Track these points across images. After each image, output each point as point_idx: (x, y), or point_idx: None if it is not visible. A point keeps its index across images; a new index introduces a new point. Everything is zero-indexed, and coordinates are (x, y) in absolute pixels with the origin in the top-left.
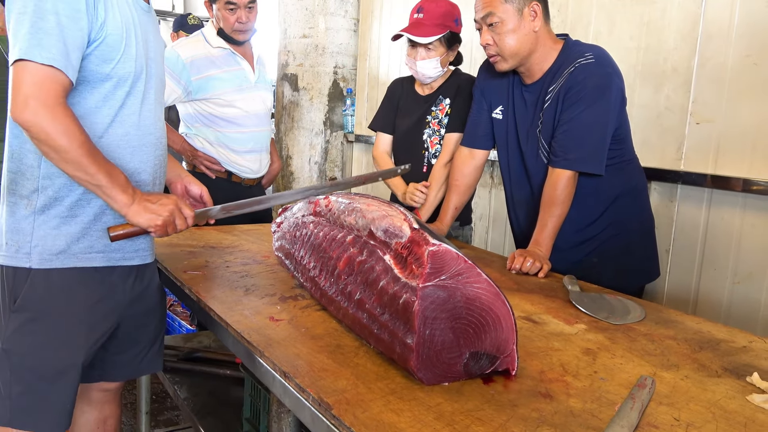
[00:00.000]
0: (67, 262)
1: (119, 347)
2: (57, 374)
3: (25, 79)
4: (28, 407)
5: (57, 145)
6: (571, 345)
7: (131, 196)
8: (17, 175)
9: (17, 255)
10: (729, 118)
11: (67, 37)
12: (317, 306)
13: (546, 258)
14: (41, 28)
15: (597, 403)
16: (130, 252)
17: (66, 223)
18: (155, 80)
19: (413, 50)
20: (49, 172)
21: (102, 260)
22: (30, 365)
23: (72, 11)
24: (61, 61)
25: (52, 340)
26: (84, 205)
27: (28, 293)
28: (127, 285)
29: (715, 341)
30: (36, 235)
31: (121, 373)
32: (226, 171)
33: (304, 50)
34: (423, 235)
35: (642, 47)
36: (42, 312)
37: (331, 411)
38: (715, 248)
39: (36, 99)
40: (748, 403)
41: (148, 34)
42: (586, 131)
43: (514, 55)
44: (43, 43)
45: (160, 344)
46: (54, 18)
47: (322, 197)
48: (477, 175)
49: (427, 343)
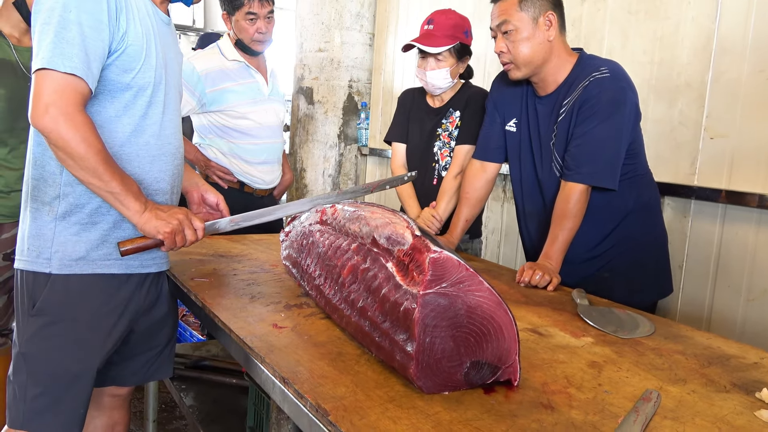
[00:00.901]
0: (86, 269)
1: (132, 351)
2: (72, 378)
3: (46, 87)
4: (42, 410)
5: (74, 152)
6: (576, 358)
7: (143, 204)
8: (39, 181)
9: (38, 260)
10: (743, 133)
11: (89, 47)
12: (322, 314)
13: (556, 271)
14: (64, 38)
15: (600, 416)
16: (148, 260)
17: (86, 230)
18: (174, 91)
19: (423, 61)
20: (71, 180)
21: (119, 267)
22: (46, 369)
23: (95, 22)
24: (82, 69)
25: (69, 345)
26: (104, 213)
27: (47, 297)
28: (142, 292)
29: (725, 357)
30: (57, 241)
31: (132, 378)
32: (239, 181)
33: (319, 64)
34: (425, 242)
35: (655, 62)
36: (60, 316)
37: (328, 417)
38: (728, 264)
39: (56, 106)
40: (756, 419)
41: (168, 45)
42: (599, 145)
43: (527, 64)
44: (66, 52)
45: (171, 350)
46: (77, 28)
47: (329, 206)
48: (488, 188)
49: (427, 351)
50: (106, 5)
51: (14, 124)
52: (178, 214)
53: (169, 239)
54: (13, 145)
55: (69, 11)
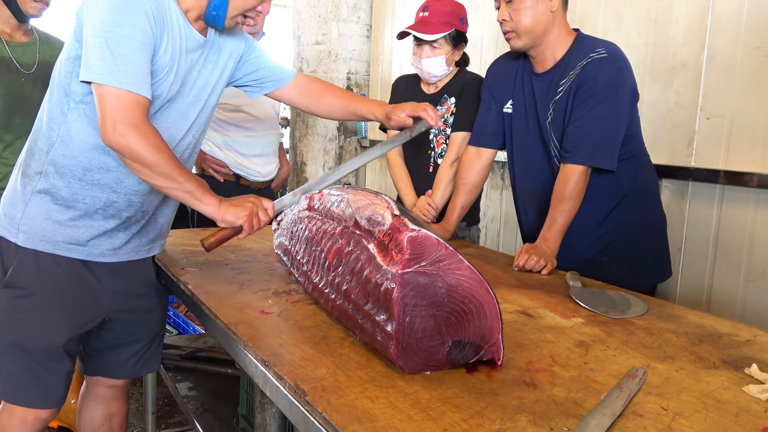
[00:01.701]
0: (49, 248)
1: (118, 341)
2: (42, 352)
3: (110, 104)
4: (15, 381)
5: (148, 161)
6: (564, 337)
7: (217, 198)
8: (28, 154)
9: (9, 228)
10: (740, 112)
11: (142, 61)
12: (309, 300)
13: (553, 254)
14: (119, 54)
15: (583, 393)
16: (108, 251)
17: (57, 212)
18: (191, 110)
19: (419, 49)
20: (55, 161)
21: (80, 254)
22: (17, 341)
23: (144, 37)
24: (137, 85)
25: (37, 318)
26: (78, 200)
27: (17, 270)
28: (106, 280)
29: (717, 335)
30: (27, 215)
31: (121, 371)
32: (234, 174)
33: (317, 57)
34: (403, 221)
35: (650, 43)
36: (32, 290)
37: (306, 397)
38: (727, 246)
39: (122, 122)
40: (744, 393)
41: (193, 65)
42: (597, 127)
43: (528, 33)
44: (122, 69)
45: (159, 344)
46: (130, 44)
47: (317, 192)
48: (484, 175)
49: (407, 331)
50: (153, 18)
51: (10, 120)
52: (249, 198)
53: (248, 224)
54: (9, 141)
55: (121, 27)
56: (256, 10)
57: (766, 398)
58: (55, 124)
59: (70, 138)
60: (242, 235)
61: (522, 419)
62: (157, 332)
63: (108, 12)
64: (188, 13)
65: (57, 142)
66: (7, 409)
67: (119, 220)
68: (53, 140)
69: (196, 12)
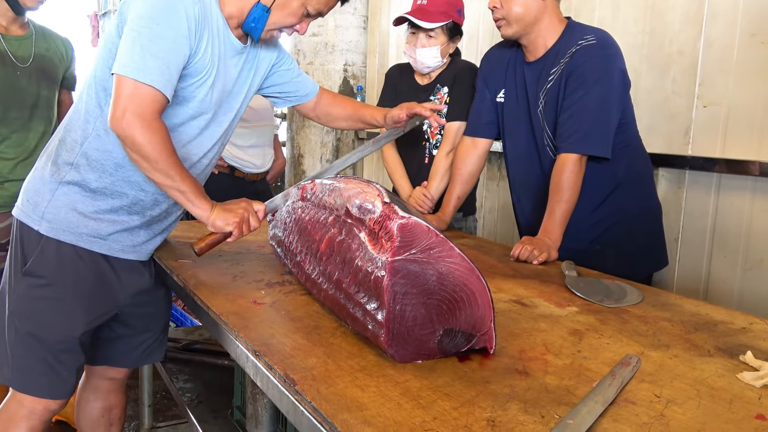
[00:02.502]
0: (71, 239)
1: (129, 332)
2: (56, 343)
3: (126, 92)
4: (28, 370)
5: (148, 155)
6: (558, 326)
7: (210, 203)
8: (60, 144)
9: (32, 215)
10: (736, 99)
11: (172, 60)
12: (302, 291)
13: (555, 246)
14: (150, 50)
15: (575, 381)
16: (128, 247)
17: (83, 204)
18: (224, 117)
19: (414, 37)
20: (88, 154)
21: (101, 247)
22: (32, 330)
23: (179, 37)
24: (161, 82)
25: (55, 308)
26: (107, 195)
27: (39, 259)
28: (124, 275)
29: (713, 323)
30: (52, 204)
31: (126, 360)
32: (229, 166)
33: (313, 48)
34: (393, 209)
35: (647, 31)
36: (51, 280)
37: (295, 387)
38: (724, 234)
39: (132, 112)
40: (738, 381)
41: (229, 70)
42: (589, 113)
43: (519, 20)
44: (149, 65)
45: (166, 335)
46: (162, 42)
47: (309, 182)
48: (480, 165)
49: (397, 319)
50: (194, 21)
51: (6, 114)
52: (241, 203)
53: (237, 230)
54: (5, 134)
55: (157, 24)
56: (293, 28)
57: (761, 385)
58: (91, 117)
59: (106, 133)
60: (231, 239)
61: (513, 407)
62: (165, 323)
63: (147, 8)
64: (229, 20)
65: (92, 136)
66: (17, 398)
67: (143, 218)
68: (88, 133)
69: (237, 20)
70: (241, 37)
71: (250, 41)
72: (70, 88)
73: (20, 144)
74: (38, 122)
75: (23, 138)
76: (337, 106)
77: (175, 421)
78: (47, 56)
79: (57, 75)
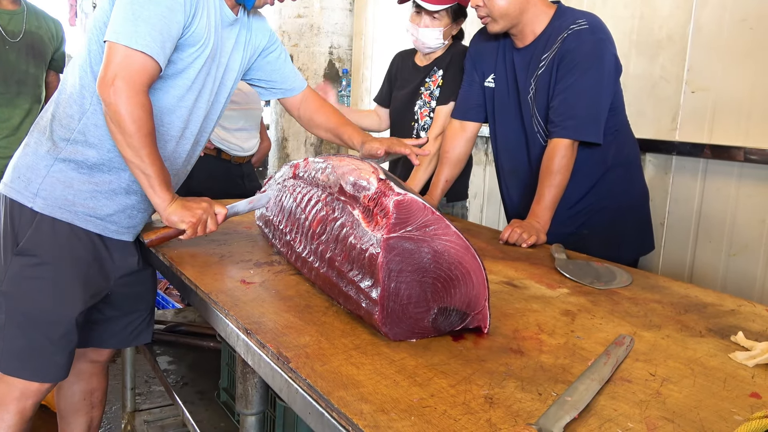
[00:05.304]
0: (66, 217)
1: (115, 313)
2: (50, 324)
3: (117, 59)
4: (19, 353)
5: (126, 128)
6: (550, 307)
7: (171, 195)
8: (56, 119)
9: (24, 192)
10: (725, 85)
11: (164, 27)
12: (292, 271)
13: (543, 230)
14: (140, 16)
15: (570, 359)
16: (124, 228)
17: (80, 182)
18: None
19: (417, 16)
20: (86, 130)
21: (97, 227)
22: (25, 311)
23: (174, 3)
24: (154, 49)
25: (51, 288)
26: (104, 171)
27: (33, 237)
28: (117, 256)
29: (702, 305)
30: (47, 180)
31: (113, 341)
32: (215, 148)
33: (299, 30)
34: (389, 185)
35: (636, 16)
36: (46, 259)
37: (289, 364)
38: (710, 220)
39: (122, 79)
40: (730, 360)
41: (225, 42)
42: (581, 99)
43: (504, 16)
44: (140, 30)
45: (152, 316)
46: (155, 8)
47: (302, 160)
48: (468, 148)
49: (392, 297)
50: None
51: None
52: (203, 203)
53: (192, 229)
54: None
55: None
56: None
57: (753, 364)
58: (87, 92)
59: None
60: (184, 237)
61: (510, 385)
62: (152, 303)
63: None
64: None
65: (89, 111)
66: (6, 380)
67: (139, 197)
68: (85, 108)
69: None
70: (234, 8)
71: (241, 14)
72: (58, 69)
73: (5, 120)
74: (24, 99)
75: (8, 114)
76: (321, 115)
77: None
78: (38, 34)
79: (46, 53)
